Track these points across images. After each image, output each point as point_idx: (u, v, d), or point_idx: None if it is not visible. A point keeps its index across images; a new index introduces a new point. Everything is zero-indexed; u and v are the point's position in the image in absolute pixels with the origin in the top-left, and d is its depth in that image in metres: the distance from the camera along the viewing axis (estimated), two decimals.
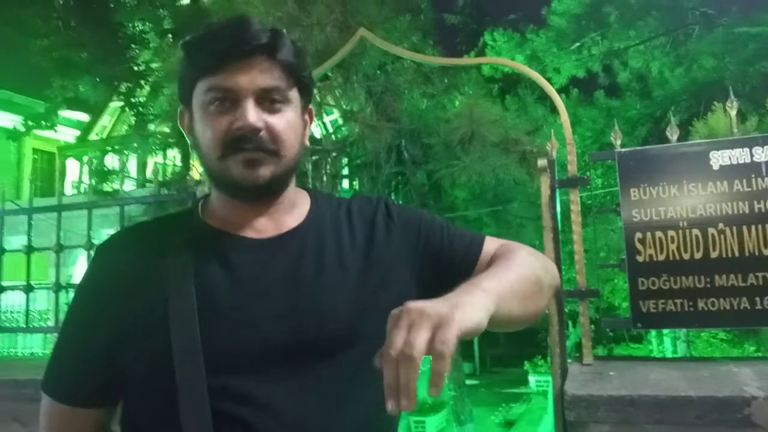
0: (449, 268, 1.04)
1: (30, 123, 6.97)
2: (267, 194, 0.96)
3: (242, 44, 0.90)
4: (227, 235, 0.97)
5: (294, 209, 1.01)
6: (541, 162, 2.21)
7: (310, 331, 0.91)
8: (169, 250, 0.94)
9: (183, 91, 0.97)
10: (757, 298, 1.98)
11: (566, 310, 2.24)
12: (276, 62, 0.92)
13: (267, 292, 0.91)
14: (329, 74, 5.54)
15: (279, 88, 0.92)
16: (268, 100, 0.92)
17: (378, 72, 5.88)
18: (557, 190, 2.24)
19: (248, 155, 0.91)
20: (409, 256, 1.05)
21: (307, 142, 1.03)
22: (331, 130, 8.33)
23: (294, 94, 0.96)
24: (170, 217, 1.09)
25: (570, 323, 10.05)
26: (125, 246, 1.00)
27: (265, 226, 0.98)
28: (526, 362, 15.80)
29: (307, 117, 1.02)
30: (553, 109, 2.32)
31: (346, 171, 7.58)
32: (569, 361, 2.20)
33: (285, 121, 0.93)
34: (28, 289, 3.01)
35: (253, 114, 0.90)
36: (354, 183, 8.48)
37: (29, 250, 2.99)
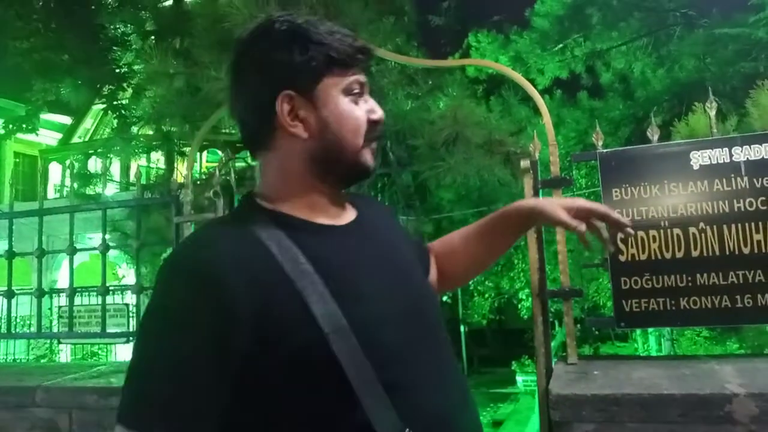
0: None
1: (11, 126, 6.87)
2: None
3: (372, 50, 1.04)
4: (314, 225, 0.99)
5: (347, 202, 1.09)
6: (524, 163, 2.23)
7: (415, 300, 1.02)
8: (268, 242, 0.91)
9: (306, 76, 0.96)
10: (738, 296, 2.01)
11: (552, 309, 2.25)
12: None
13: (372, 270, 0.98)
14: None
15: None
16: None
17: None
18: (540, 191, 2.26)
19: (376, 144, 1.03)
20: None
21: None
22: None
23: None
24: (239, 216, 1.01)
25: (556, 323, 10.11)
26: (220, 248, 0.90)
27: (337, 215, 1.03)
28: (513, 362, 15.86)
29: None
30: (537, 110, 2.34)
31: None
32: (554, 360, 2.21)
33: None
34: (10, 294, 2.98)
35: None
36: None
37: (10, 255, 2.96)
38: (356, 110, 1.00)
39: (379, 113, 1.02)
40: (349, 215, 1.06)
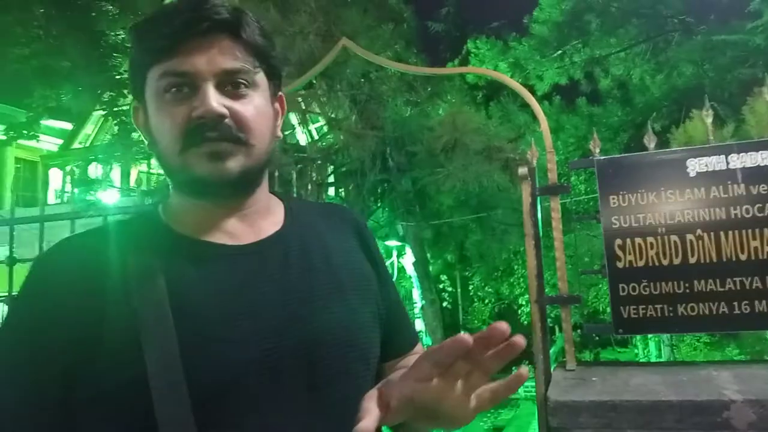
0: (388, 332, 0.96)
1: (12, 133, 6.90)
2: (237, 192, 0.85)
3: (198, 21, 0.78)
4: (200, 243, 0.83)
5: (269, 214, 0.91)
6: (522, 170, 2.24)
7: (307, 346, 0.81)
8: (131, 259, 0.79)
9: (134, 83, 0.84)
10: (735, 303, 2.02)
11: (552, 315, 2.26)
12: (239, 42, 0.81)
13: (256, 305, 0.79)
14: (313, 82, 5.55)
15: (244, 70, 0.81)
16: (232, 84, 0.81)
17: (362, 80, 5.90)
18: (539, 198, 2.27)
19: (212, 146, 0.79)
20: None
21: (280, 134, 0.91)
22: (316, 137, 8.33)
23: (261, 78, 0.85)
24: (126, 223, 0.91)
25: (557, 328, 10.10)
26: (75, 255, 0.81)
27: (241, 232, 0.85)
28: (513, 367, 15.80)
29: (278, 106, 0.91)
30: (536, 117, 2.37)
31: (331, 179, 7.59)
32: (553, 366, 2.22)
33: (253, 107, 0.82)
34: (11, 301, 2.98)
35: (214, 99, 0.78)
36: (340, 190, 8.49)
37: (12, 261, 2.96)
38: (168, 111, 0.80)
39: (200, 108, 0.78)
40: (264, 231, 0.88)
